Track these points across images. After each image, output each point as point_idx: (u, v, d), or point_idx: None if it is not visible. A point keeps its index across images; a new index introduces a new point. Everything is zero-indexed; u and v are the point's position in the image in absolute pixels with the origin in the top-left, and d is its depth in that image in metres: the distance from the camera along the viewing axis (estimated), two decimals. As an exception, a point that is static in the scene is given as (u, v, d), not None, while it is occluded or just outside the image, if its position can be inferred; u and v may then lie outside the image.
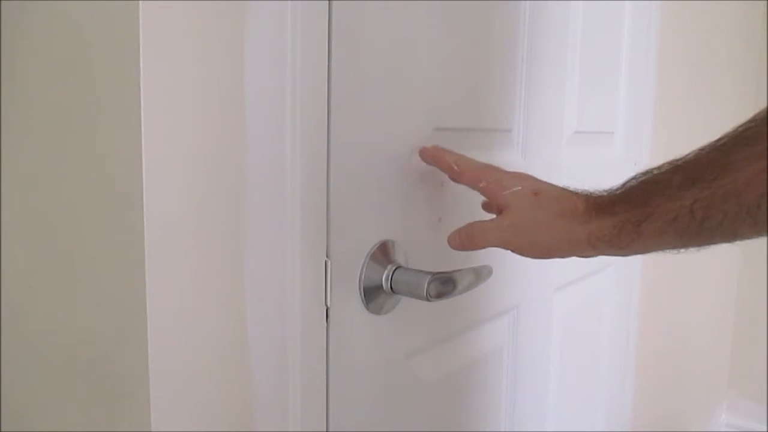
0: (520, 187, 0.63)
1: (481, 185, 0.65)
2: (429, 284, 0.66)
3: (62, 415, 0.61)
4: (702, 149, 0.51)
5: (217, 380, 0.57)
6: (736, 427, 2.23)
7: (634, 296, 1.40)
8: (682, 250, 0.54)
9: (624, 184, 0.57)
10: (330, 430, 0.67)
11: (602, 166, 1.20)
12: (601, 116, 1.17)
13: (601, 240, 0.56)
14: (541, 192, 0.62)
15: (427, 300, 0.66)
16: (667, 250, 0.55)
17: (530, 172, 0.93)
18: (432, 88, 0.74)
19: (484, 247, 0.65)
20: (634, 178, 0.56)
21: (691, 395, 2.00)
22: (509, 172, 0.66)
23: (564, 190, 0.62)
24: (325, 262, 0.63)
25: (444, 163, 0.69)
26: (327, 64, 0.61)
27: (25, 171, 0.60)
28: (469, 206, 0.82)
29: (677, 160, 0.53)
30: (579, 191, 0.61)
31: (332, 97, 0.62)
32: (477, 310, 0.87)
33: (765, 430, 2.16)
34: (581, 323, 1.19)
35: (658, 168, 0.54)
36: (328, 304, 0.64)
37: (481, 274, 0.73)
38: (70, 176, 0.56)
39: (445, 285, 0.67)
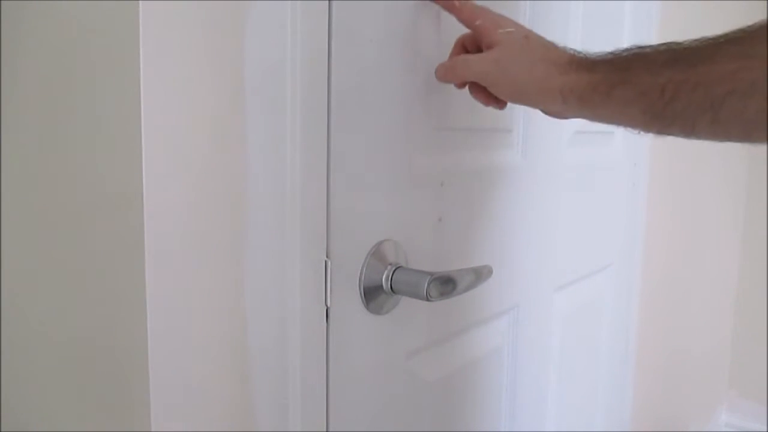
0: (513, 29, 0.65)
1: (477, 23, 0.67)
2: (429, 284, 0.66)
3: (62, 415, 0.61)
4: (699, 39, 0.52)
5: (217, 380, 0.57)
6: (736, 427, 2.23)
7: (634, 296, 1.39)
8: (642, 132, 0.56)
9: (614, 51, 0.58)
10: (330, 430, 0.67)
11: (602, 166, 1.20)
12: (601, 116, 1.16)
13: (573, 93, 0.58)
14: (531, 37, 0.64)
15: (427, 300, 0.66)
16: (630, 125, 0.57)
17: (531, 173, 0.94)
18: (432, 88, 0.74)
19: (464, 79, 0.68)
20: (627, 48, 0.57)
21: (691, 395, 2.00)
22: (505, 17, 0.68)
23: (553, 43, 0.64)
24: (325, 262, 0.63)
25: (443, 2, 0.71)
26: (327, 64, 0.61)
27: (25, 171, 0.60)
28: (469, 206, 0.82)
29: (674, 42, 0.54)
30: (568, 48, 0.63)
31: (332, 96, 0.62)
32: (477, 310, 0.87)
33: (765, 430, 2.16)
34: (581, 323, 1.19)
35: (654, 45, 0.55)
36: (328, 304, 0.64)
37: (481, 274, 0.73)
38: (70, 176, 0.56)
39: (445, 285, 0.67)
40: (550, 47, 0.63)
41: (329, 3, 0.60)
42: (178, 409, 0.54)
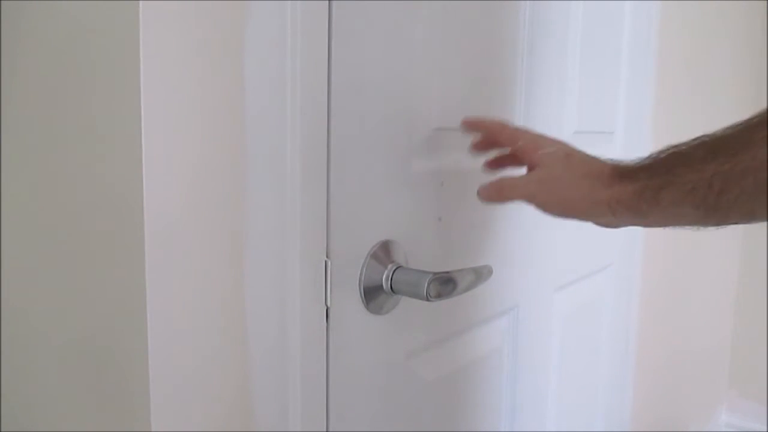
0: (554, 149, 0.66)
1: (519, 144, 0.68)
2: (429, 284, 0.66)
3: (62, 416, 0.61)
4: (729, 127, 0.52)
5: (217, 380, 0.57)
6: (736, 427, 2.23)
7: (634, 296, 1.40)
8: (701, 227, 0.55)
9: (651, 155, 0.58)
10: (330, 430, 0.67)
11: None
12: (601, 116, 1.17)
13: (621, 204, 0.58)
14: (572, 155, 0.65)
15: (427, 300, 0.66)
16: (686, 224, 0.56)
17: (530, 172, 0.94)
18: (432, 88, 0.74)
19: (510, 200, 0.68)
20: (662, 150, 0.57)
21: (691, 395, 2.00)
22: (545, 136, 0.70)
23: (594, 157, 0.65)
24: (325, 262, 0.63)
25: (484, 128, 0.73)
26: (327, 64, 0.61)
27: (26, 171, 0.61)
28: (470, 206, 0.82)
29: (705, 135, 0.54)
30: (608, 159, 0.63)
31: (332, 97, 0.62)
32: (477, 310, 0.87)
33: (765, 430, 2.16)
34: (581, 323, 1.19)
35: (686, 143, 0.55)
36: (328, 304, 0.64)
37: (481, 274, 0.73)
38: (70, 176, 0.56)
39: (445, 285, 0.67)
40: (591, 162, 0.63)
41: (329, 3, 0.60)
42: (178, 409, 0.54)
